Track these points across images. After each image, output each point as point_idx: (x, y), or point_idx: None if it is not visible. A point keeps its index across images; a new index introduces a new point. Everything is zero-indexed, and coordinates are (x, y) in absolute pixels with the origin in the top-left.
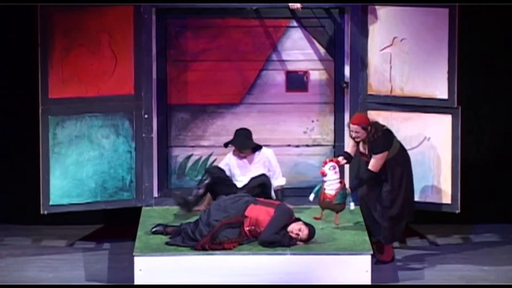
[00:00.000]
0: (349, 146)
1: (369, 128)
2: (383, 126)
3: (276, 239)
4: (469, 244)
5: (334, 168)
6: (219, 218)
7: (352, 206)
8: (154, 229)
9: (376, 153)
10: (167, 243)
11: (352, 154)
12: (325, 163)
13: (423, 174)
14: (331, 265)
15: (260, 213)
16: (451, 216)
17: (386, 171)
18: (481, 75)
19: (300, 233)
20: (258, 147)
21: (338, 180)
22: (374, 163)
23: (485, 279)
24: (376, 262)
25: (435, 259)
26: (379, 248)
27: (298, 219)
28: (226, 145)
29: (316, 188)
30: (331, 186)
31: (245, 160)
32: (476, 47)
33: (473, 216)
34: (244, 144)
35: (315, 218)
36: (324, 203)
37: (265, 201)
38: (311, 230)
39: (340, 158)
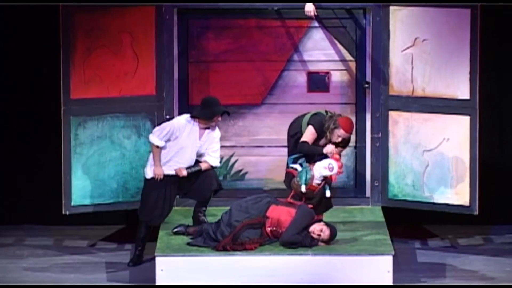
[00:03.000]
0: (310, 137)
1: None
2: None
3: (297, 240)
4: (491, 245)
5: (331, 169)
6: (240, 219)
7: (328, 194)
8: (175, 230)
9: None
10: (188, 244)
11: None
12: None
13: (442, 175)
14: (353, 266)
15: (281, 214)
16: (471, 217)
17: None
18: (503, 75)
19: (322, 234)
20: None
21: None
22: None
23: (507, 280)
24: None
25: (456, 260)
26: None
27: (320, 220)
28: (224, 113)
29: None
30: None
31: (197, 133)
32: (498, 48)
33: (494, 217)
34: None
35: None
36: (294, 185)
37: (287, 201)
38: (333, 231)
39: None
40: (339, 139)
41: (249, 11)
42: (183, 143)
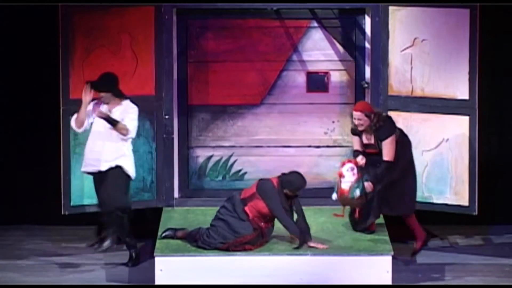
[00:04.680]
0: (355, 144)
1: (372, 116)
2: (384, 113)
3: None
4: (490, 245)
5: (353, 169)
6: (231, 239)
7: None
8: (164, 234)
9: (384, 139)
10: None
11: (361, 149)
12: (343, 164)
13: (441, 176)
14: (352, 266)
15: (256, 206)
16: (471, 217)
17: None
18: (502, 75)
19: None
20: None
21: (356, 179)
22: (386, 151)
23: (507, 280)
24: (413, 253)
25: (456, 260)
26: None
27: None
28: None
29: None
30: (349, 185)
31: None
32: (497, 48)
33: (493, 217)
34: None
35: (336, 215)
36: (342, 198)
37: (247, 195)
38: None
39: (359, 158)
40: (356, 121)
41: (248, 11)
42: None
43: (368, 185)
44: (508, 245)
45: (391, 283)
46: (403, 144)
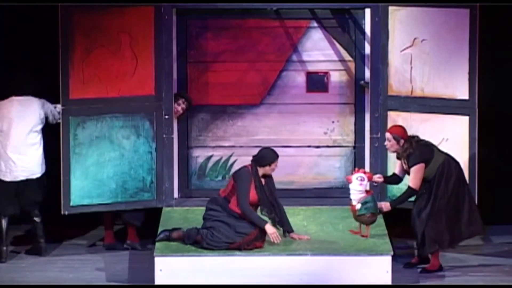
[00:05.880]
0: (397, 167)
1: (401, 141)
2: (421, 140)
3: (252, 215)
4: (489, 245)
5: (362, 180)
6: (246, 232)
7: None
8: (159, 238)
9: (411, 166)
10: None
11: (400, 174)
12: (357, 171)
13: None
14: (352, 266)
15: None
16: None
17: (431, 186)
18: (502, 75)
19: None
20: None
21: (363, 194)
22: (411, 178)
23: (506, 280)
24: (422, 270)
25: (455, 260)
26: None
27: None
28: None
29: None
30: (354, 197)
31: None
32: (497, 48)
33: (493, 217)
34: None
35: (352, 232)
36: (354, 215)
37: (228, 192)
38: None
39: (377, 176)
40: (386, 142)
41: (248, 11)
42: None
43: (384, 205)
44: (508, 245)
45: (391, 283)
46: (450, 169)
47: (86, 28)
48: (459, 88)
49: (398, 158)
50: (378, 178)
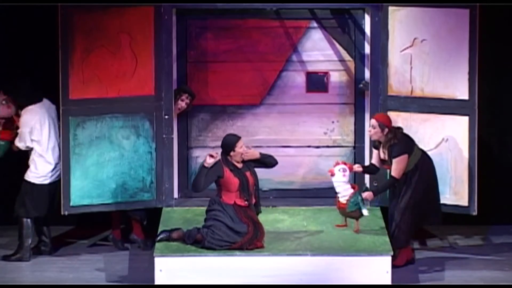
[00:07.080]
0: (373, 157)
1: (386, 129)
2: (402, 131)
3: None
4: (489, 245)
5: (344, 171)
6: (243, 231)
7: (365, 212)
8: (159, 238)
9: (395, 157)
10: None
11: (377, 164)
12: (337, 163)
13: (441, 176)
14: (352, 266)
15: (224, 188)
16: (470, 217)
17: (407, 179)
18: (502, 75)
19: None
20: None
21: (347, 184)
22: (394, 168)
23: (506, 280)
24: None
25: (455, 260)
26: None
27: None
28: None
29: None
30: (342, 193)
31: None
32: (496, 48)
33: (492, 217)
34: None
35: (338, 226)
36: (341, 211)
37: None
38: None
39: (356, 166)
40: (370, 128)
41: (248, 12)
42: None
43: (368, 194)
44: (508, 245)
45: (390, 283)
46: (424, 165)
47: (85, 28)
48: (459, 88)
49: (375, 147)
50: (357, 168)
